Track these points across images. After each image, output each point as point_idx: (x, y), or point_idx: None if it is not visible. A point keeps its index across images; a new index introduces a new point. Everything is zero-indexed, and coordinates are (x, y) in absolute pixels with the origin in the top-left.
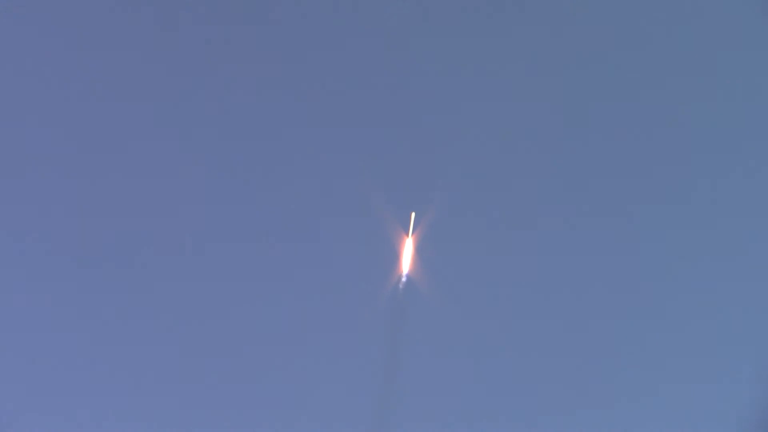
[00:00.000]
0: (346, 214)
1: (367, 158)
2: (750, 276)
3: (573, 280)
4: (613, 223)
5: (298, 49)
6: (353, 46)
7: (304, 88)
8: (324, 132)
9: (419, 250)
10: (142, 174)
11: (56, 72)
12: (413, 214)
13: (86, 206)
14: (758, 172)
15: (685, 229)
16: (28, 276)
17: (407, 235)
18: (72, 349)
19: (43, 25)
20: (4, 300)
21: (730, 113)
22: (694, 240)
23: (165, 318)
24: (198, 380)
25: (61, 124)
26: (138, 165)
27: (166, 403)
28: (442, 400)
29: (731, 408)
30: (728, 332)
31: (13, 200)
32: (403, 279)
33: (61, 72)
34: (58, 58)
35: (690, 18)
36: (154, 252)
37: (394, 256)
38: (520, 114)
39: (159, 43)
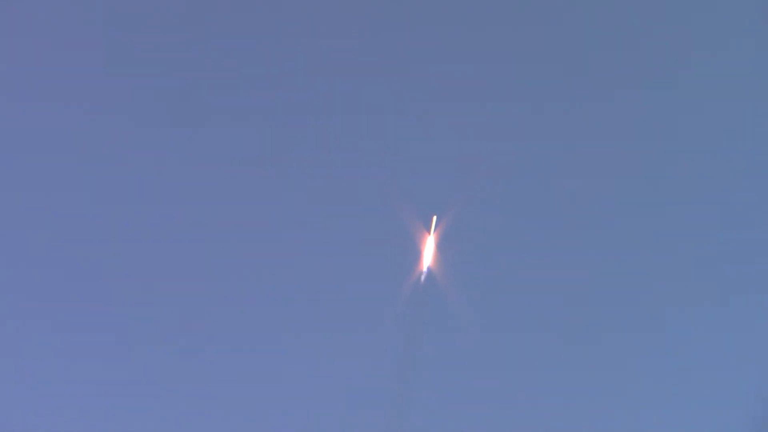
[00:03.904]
0: (371, 214)
1: (393, 162)
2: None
3: (588, 278)
4: (641, 221)
5: (322, 45)
6: (380, 43)
7: (329, 88)
8: (353, 135)
9: (439, 247)
10: (143, 168)
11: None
12: (435, 217)
13: (87, 202)
14: None
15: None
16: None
17: (428, 233)
18: (70, 349)
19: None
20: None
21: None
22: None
23: (174, 317)
24: (216, 379)
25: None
26: (139, 159)
27: (174, 403)
28: (460, 391)
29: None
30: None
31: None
32: (424, 273)
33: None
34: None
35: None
36: (165, 248)
37: (416, 253)
38: (543, 115)
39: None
